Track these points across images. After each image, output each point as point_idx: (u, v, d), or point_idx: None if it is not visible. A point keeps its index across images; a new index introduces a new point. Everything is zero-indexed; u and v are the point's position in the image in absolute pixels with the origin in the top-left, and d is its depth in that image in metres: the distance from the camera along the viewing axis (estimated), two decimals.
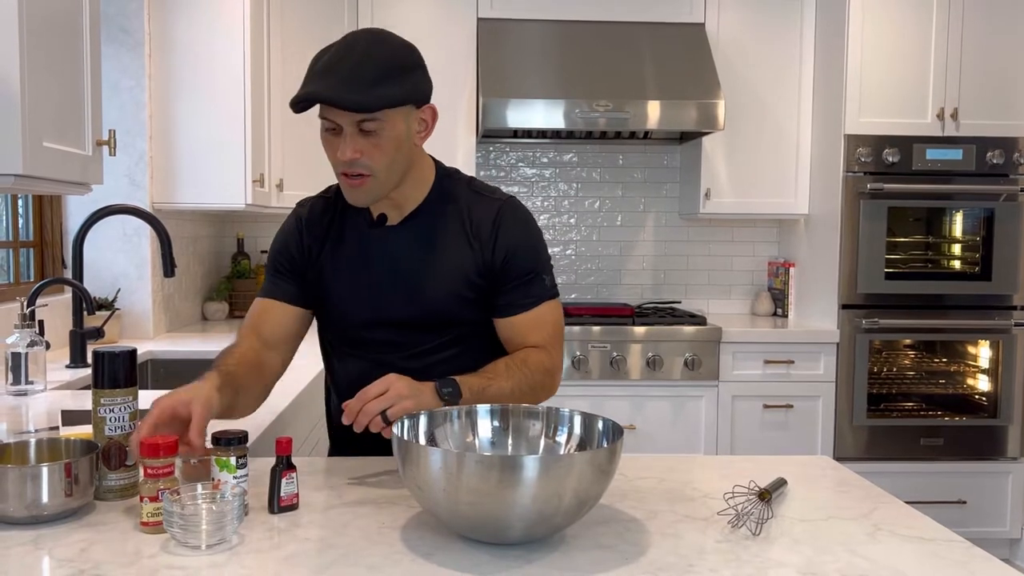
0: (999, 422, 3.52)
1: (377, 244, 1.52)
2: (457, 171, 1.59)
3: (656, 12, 3.70)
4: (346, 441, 1.59)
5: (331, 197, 1.59)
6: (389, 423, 1.26)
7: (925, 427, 3.52)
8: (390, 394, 1.29)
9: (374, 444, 1.38)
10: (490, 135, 3.90)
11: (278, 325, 1.55)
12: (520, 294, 1.51)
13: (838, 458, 3.40)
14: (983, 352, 3.60)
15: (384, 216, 1.52)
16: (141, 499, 1.15)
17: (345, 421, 1.29)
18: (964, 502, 3.51)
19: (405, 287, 1.50)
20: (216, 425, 1.73)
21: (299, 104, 1.39)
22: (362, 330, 1.53)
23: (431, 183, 1.53)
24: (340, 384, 1.61)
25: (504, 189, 1.64)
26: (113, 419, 1.26)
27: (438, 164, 1.57)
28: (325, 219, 1.56)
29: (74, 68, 1.82)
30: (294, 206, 1.63)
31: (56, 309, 2.64)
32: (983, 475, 3.54)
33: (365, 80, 1.35)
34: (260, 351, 1.53)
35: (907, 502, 1.36)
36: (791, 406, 3.51)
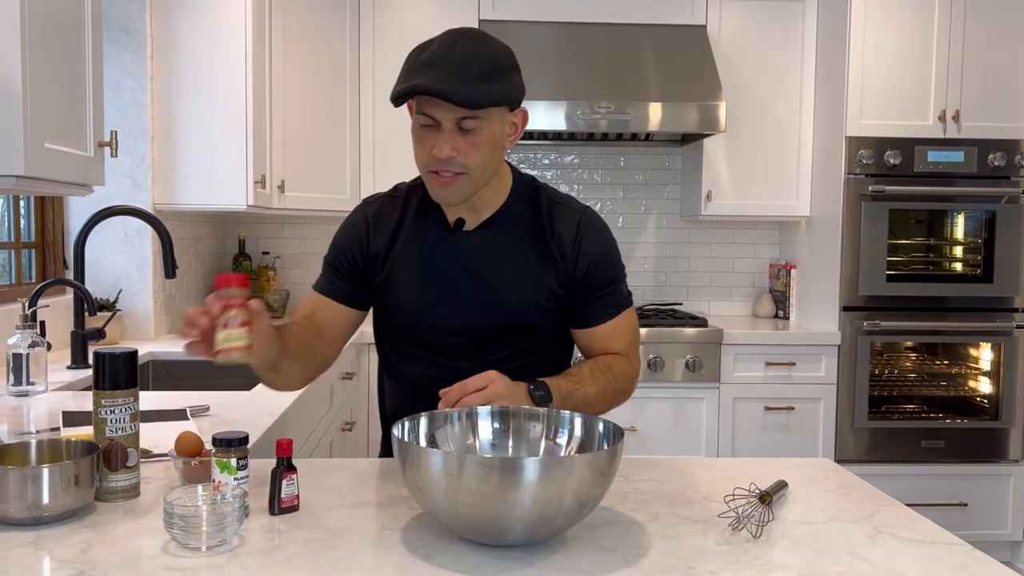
0: (1000, 424, 3.52)
1: (454, 248, 1.50)
2: (533, 178, 1.58)
3: (657, 14, 3.70)
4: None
5: (400, 196, 1.56)
6: None
7: (926, 429, 3.52)
8: (489, 392, 1.30)
9: None
10: None
11: (331, 322, 1.54)
12: (602, 304, 1.52)
13: (839, 460, 3.40)
14: (984, 354, 3.59)
15: (462, 220, 1.50)
16: (216, 328, 1.19)
17: (441, 408, 1.30)
18: (965, 504, 3.50)
19: (484, 294, 1.48)
20: (220, 425, 1.73)
21: (403, 96, 1.36)
22: (435, 334, 1.51)
23: (509, 188, 1.52)
24: (404, 384, 1.59)
25: None
26: (114, 420, 1.26)
27: (515, 169, 1.56)
28: (394, 219, 1.53)
29: (76, 69, 1.82)
30: (361, 201, 1.60)
31: (57, 310, 2.64)
32: (984, 478, 3.53)
33: (472, 76, 1.33)
34: (313, 337, 1.51)
35: (908, 504, 1.36)
36: (792, 408, 3.51)
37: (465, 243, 1.50)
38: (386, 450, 1.66)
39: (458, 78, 1.32)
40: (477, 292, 1.48)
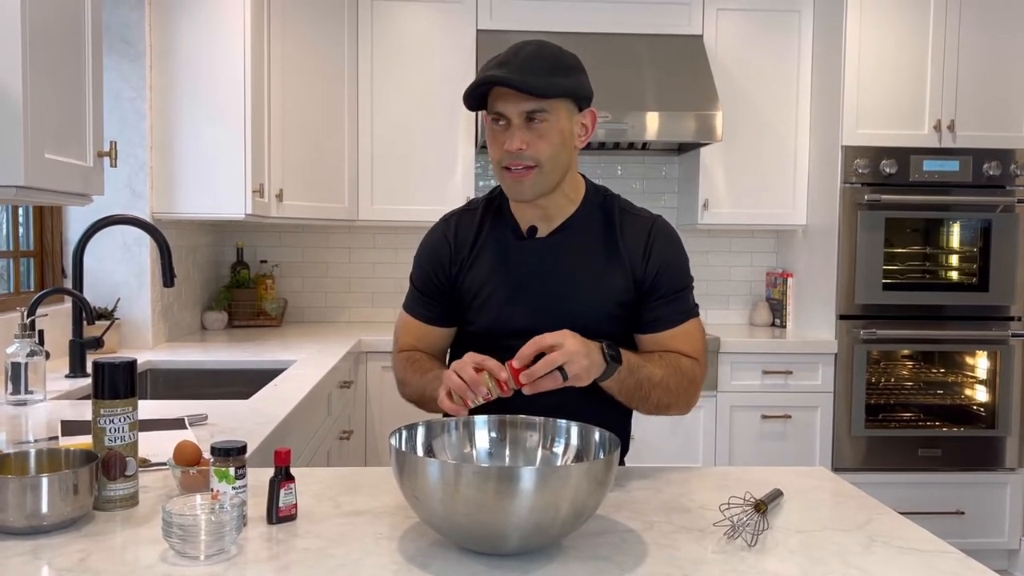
0: (997, 433, 3.53)
1: (528, 255, 1.56)
2: (606, 188, 1.63)
3: (654, 24, 3.72)
4: None
5: (476, 209, 1.63)
6: (567, 378, 1.32)
7: (923, 438, 3.53)
8: (567, 348, 1.32)
9: None
10: None
11: (439, 344, 1.65)
12: (670, 310, 1.56)
13: (836, 469, 3.41)
14: (981, 363, 3.60)
15: (534, 228, 1.56)
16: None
17: (516, 364, 1.32)
18: (962, 513, 3.51)
19: (556, 299, 1.53)
20: (218, 434, 1.73)
21: (476, 90, 1.44)
22: (510, 339, 1.51)
23: (582, 196, 1.58)
24: None
25: None
26: (113, 429, 1.27)
27: (588, 180, 1.61)
28: (472, 231, 1.60)
29: (76, 80, 1.83)
30: (439, 219, 1.66)
31: (56, 319, 2.64)
32: (981, 486, 3.54)
33: (539, 70, 1.43)
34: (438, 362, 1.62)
35: (905, 513, 1.36)
36: (789, 416, 3.51)
37: (538, 249, 1.56)
38: None
39: (525, 71, 1.42)
40: (549, 297, 1.54)
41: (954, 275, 3.66)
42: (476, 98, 1.47)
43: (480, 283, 1.57)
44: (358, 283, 4.02)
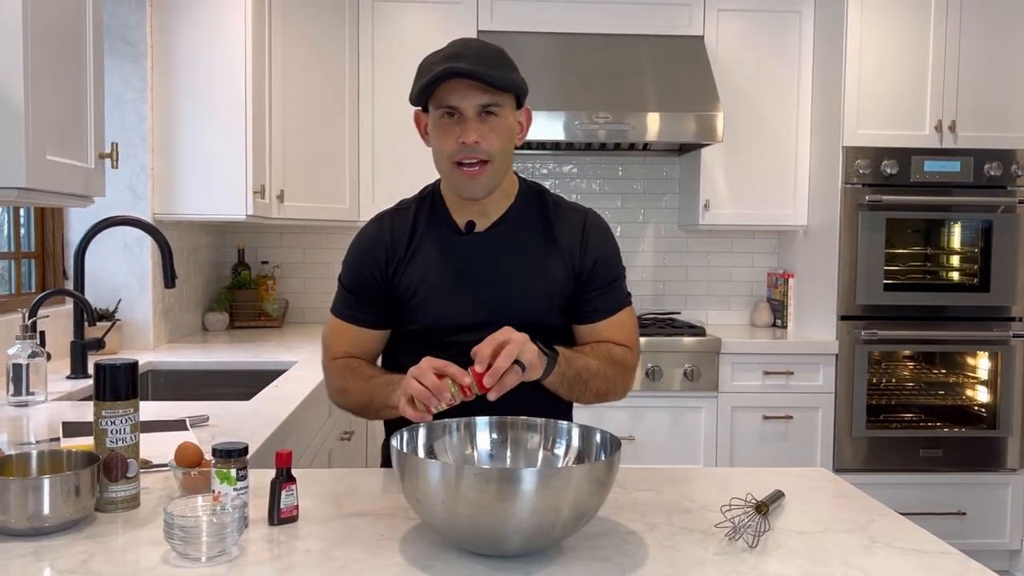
0: (998, 433, 3.53)
1: (469, 249, 1.55)
2: (537, 183, 1.65)
3: (655, 25, 3.72)
4: None
5: (409, 208, 1.61)
6: (524, 369, 1.32)
7: (924, 438, 3.53)
8: (516, 338, 1.33)
9: None
10: None
11: (374, 348, 1.62)
12: (606, 300, 1.58)
13: (837, 469, 3.41)
14: (982, 363, 3.60)
15: (472, 223, 1.56)
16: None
17: (479, 368, 1.31)
18: (964, 513, 3.51)
19: (500, 292, 1.53)
20: (219, 435, 1.73)
21: (436, 81, 1.42)
22: (452, 334, 1.53)
23: (516, 191, 1.59)
24: None
25: None
26: (114, 431, 1.27)
27: (519, 175, 1.63)
28: (407, 230, 1.58)
29: (77, 82, 1.83)
30: (370, 220, 1.65)
31: (57, 320, 2.64)
32: (982, 486, 3.54)
33: (494, 63, 1.44)
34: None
35: (906, 514, 1.36)
36: (790, 417, 3.51)
37: (478, 244, 1.56)
38: (388, 458, 1.67)
39: (483, 63, 1.42)
40: (493, 290, 1.53)
41: (955, 275, 3.66)
42: (427, 92, 1.45)
43: (419, 281, 1.55)
44: None
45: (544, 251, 1.56)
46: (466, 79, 1.41)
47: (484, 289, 1.53)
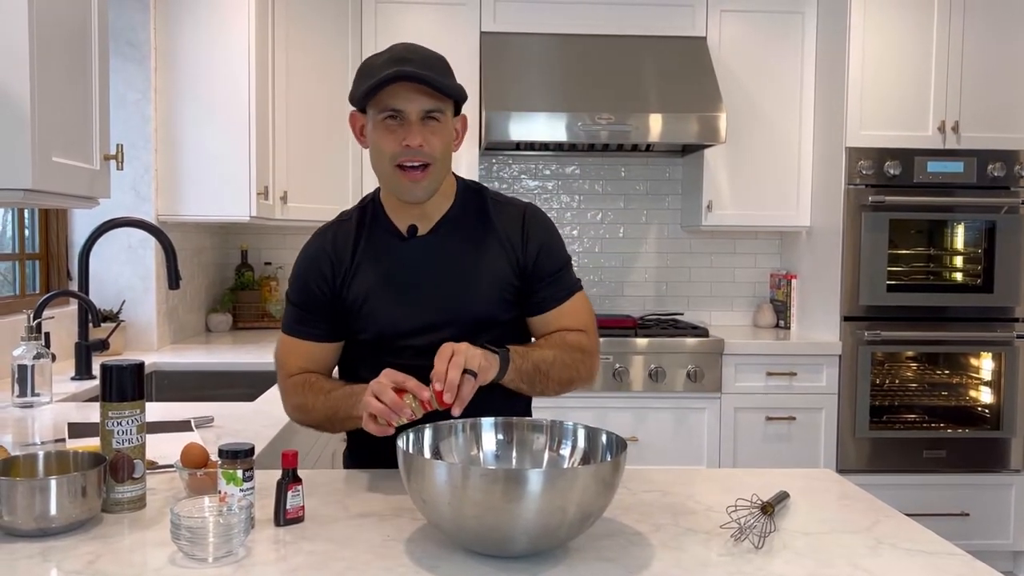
0: (1002, 434, 3.52)
1: (413, 254, 1.56)
2: (476, 182, 1.66)
3: (658, 26, 3.72)
4: (367, 450, 1.61)
5: (350, 219, 1.62)
6: (475, 375, 1.33)
7: (928, 439, 3.52)
8: (460, 347, 1.34)
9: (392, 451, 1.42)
10: (493, 148, 3.92)
11: (325, 362, 1.61)
12: (554, 289, 1.59)
13: (841, 470, 3.41)
14: (985, 364, 3.60)
15: (414, 227, 1.56)
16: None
17: (438, 388, 1.31)
18: (967, 514, 3.50)
19: (449, 292, 1.54)
20: (224, 436, 1.74)
21: (384, 83, 1.42)
22: (404, 339, 1.54)
23: (455, 193, 1.60)
24: None
25: None
26: (121, 432, 1.27)
27: (457, 176, 1.63)
28: (350, 240, 1.58)
29: (83, 84, 1.83)
30: (313, 233, 1.64)
31: (61, 321, 2.65)
32: (986, 487, 3.53)
33: (439, 69, 1.46)
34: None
35: (910, 514, 1.36)
36: (793, 418, 3.51)
37: (422, 247, 1.56)
38: (351, 462, 1.68)
39: (429, 69, 1.43)
40: (441, 291, 1.54)
41: (958, 276, 3.66)
42: (372, 93, 1.45)
43: (367, 290, 1.55)
44: None
45: (486, 248, 1.57)
46: (412, 83, 1.42)
47: (432, 292, 1.54)
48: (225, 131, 3.00)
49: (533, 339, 1.62)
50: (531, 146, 3.85)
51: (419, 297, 1.54)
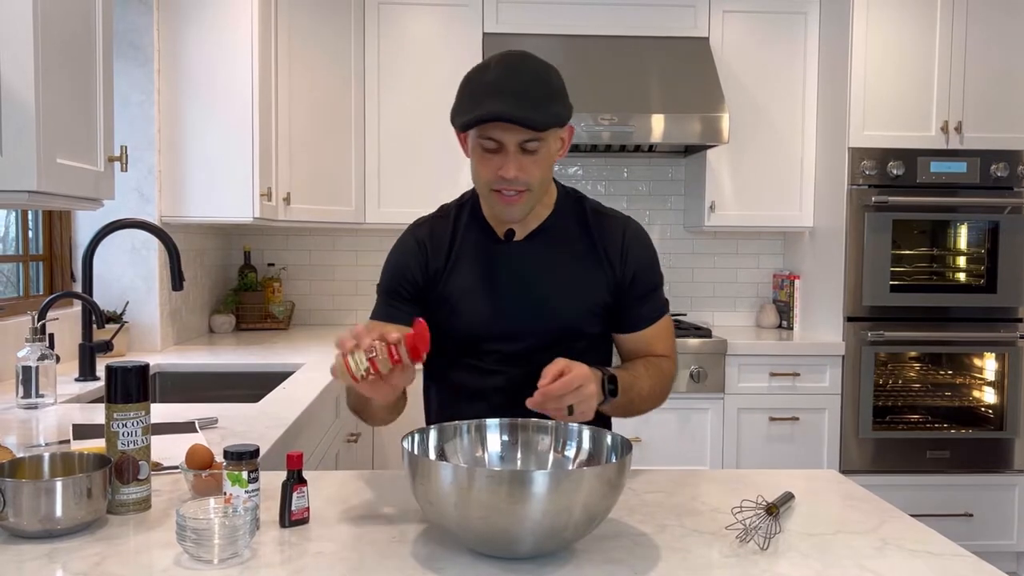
0: (1005, 434, 3.52)
1: (507, 258, 1.56)
2: (576, 189, 1.65)
3: (660, 27, 3.72)
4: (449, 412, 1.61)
5: (448, 216, 1.61)
6: (571, 413, 1.31)
7: (931, 440, 3.52)
8: (585, 391, 1.32)
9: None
10: None
11: None
12: (647, 309, 1.59)
13: (844, 471, 3.41)
14: (989, 364, 3.60)
15: (512, 231, 1.56)
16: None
17: (541, 382, 1.30)
18: (971, 515, 3.50)
19: (538, 301, 1.54)
20: (228, 437, 1.74)
21: (477, 123, 1.41)
22: (488, 342, 1.54)
23: (555, 199, 1.59)
24: (452, 392, 1.62)
25: None
26: (126, 433, 1.27)
27: (557, 182, 1.62)
28: (447, 236, 1.58)
29: (87, 85, 1.84)
30: (409, 226, 1.63)
31: (65, 322, 2.65)
32: (990, 488, 3.53)
33: (538, 100, 1.41)
34: None
35: (913, 515, 1.36)
36: (797, 419, 3.51)
37: (517, 253, 1.56)
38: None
39: (527, 103, 1.39)
40: (531, 299, 1.54)
41: (962, 276, 3.66)
42: (469, 127, 1.44)
43: (461, 288, 1.55)
44: (365, 286, 4.02)
45: (583, 260, 1.56)
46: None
47: (523, 298, 1.54)
48: (228, 132, 3.00)
49: (617, 351, 1.62)
50: None
51: (509, 302, 1.54)
